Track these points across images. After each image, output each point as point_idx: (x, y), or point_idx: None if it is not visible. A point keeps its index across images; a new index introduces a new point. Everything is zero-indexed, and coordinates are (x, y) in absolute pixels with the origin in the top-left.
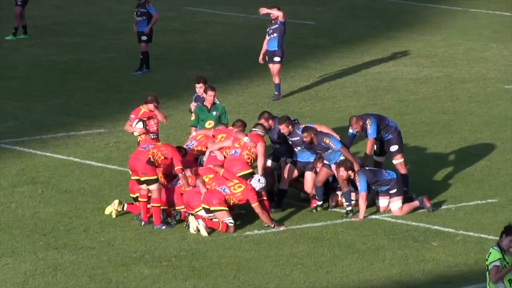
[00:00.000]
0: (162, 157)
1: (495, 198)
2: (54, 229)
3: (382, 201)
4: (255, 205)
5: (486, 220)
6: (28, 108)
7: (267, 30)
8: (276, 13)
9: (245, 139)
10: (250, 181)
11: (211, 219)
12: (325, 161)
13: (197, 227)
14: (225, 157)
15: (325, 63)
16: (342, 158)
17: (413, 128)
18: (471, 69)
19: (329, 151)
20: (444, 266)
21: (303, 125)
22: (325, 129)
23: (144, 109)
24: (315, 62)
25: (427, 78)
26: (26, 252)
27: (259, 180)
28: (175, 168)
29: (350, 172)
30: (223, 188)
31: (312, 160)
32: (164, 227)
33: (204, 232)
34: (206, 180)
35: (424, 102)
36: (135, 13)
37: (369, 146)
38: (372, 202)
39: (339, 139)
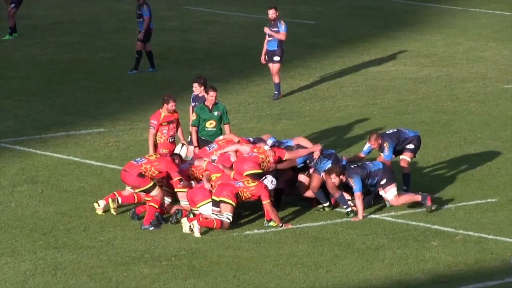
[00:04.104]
0: (156, 172)
1: (495, 197)
2: (54, 229)
3: (380, 193)
4: (266, 202)
5: (486, 220)
6: (28, 108)
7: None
8: (278, 36)
9: (266, 147)
10: (263, 180)
11: (206, 218)
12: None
13: (190, 227)
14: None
15: (325, 62)
16: (329, 165)
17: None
18: (471, 68)
19: (314, 160)
20: (443, 265)
21: (285, 144)
22: (303, 141)
23: (164, 112)
24: (315, 61)
25: (427, 78)
26: (26, 252)
27: (271, 181)
28: (174, 180)
29: (341, 177)
30: (236, 182)
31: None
32: (151, 228)
33: (197, 234)
34: (213, 178)
35: (424, 101)
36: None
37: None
38: (368, 205)
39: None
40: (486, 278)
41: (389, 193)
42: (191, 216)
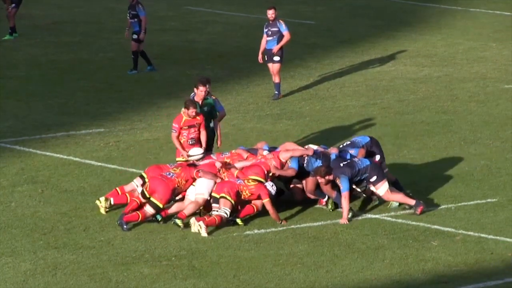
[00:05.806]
0: (184, 182)
1: (495, 197)
2: (54, 229)
3: (371, 189)
4: (266, 200)
5: (486, 220)
6: (28, 108)
7: (266, 30)
8: (285, 39)
9: (265, 152)
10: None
11: (209, 215)
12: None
13: (198, 229)
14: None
15: (325, 62)
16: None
17: (413, 127)
18: (471, 68)
19: (305, 161)
20: (443, 265)
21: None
22: (290, 146)
23: (185, 116)
24: (315, 61)
25: (427, 78)
26: (26, 252)
27: (272, 186)
28: (194, 172)
29: (327, 177)
30: (237, 179)
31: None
32: (125, 226)
33: (204, 234)
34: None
35: (424, 101)
36: (128, 15)
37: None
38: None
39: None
40: (486, 278)
41: (381, 189)
42: (192, 219)
